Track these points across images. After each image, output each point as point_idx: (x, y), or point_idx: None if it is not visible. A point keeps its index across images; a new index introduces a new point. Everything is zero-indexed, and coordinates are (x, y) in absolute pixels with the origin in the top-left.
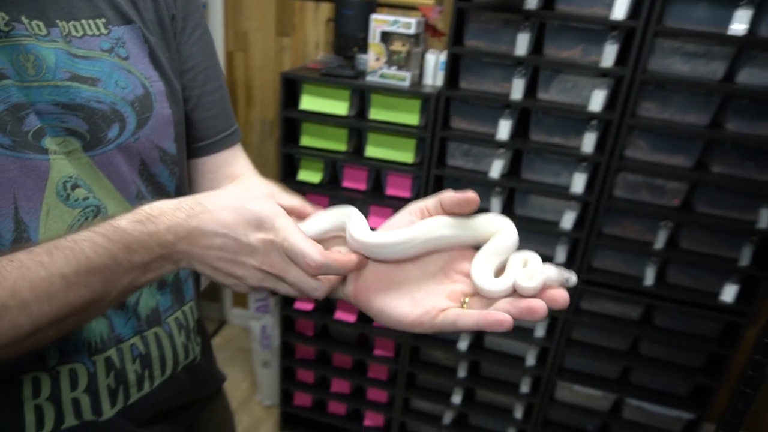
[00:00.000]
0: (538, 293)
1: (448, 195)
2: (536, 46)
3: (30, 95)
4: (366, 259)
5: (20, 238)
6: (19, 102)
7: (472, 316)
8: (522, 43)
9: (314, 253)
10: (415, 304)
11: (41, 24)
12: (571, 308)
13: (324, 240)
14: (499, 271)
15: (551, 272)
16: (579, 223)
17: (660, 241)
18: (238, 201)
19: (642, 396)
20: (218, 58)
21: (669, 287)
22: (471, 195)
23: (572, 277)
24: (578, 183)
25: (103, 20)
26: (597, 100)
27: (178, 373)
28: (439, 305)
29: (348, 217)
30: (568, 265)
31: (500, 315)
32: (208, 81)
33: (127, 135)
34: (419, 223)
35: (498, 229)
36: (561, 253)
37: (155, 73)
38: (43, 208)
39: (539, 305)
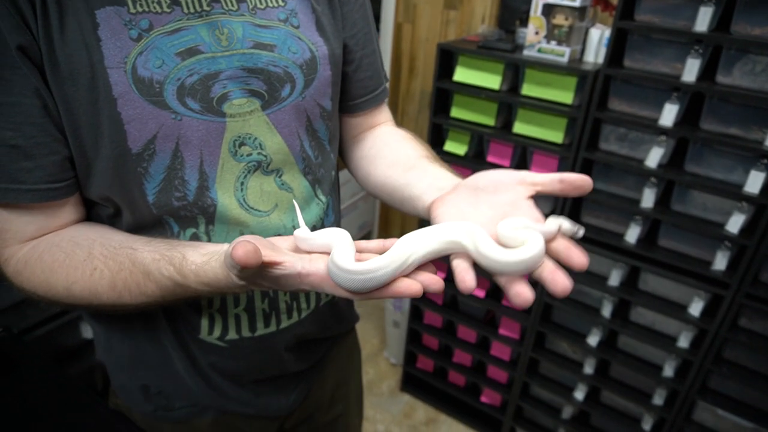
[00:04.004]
0: (554, 242)
1: (571, 175)
2: (721, 23)
3: (221, 63)
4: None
5: (203, 186)
6: (208, 72)
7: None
8: (704, 18)
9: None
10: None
11: (233, 0)
12: (725, 323)
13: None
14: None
15: (563, 221)
16: (748, 228)
17: None
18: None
19: None
20: (374, 22)
21: None
22: (589, 178)
23: (581, 230)
24: (755, 182)
25: None
26: None
27: (321, 307)
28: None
29: (337, 240)
30: (728, 273)
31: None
32: (366, 44)
33: (296, 94)
34: (396, 249)
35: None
36: (721, 259)
37: (320, 39)
38: (219, 162)
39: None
